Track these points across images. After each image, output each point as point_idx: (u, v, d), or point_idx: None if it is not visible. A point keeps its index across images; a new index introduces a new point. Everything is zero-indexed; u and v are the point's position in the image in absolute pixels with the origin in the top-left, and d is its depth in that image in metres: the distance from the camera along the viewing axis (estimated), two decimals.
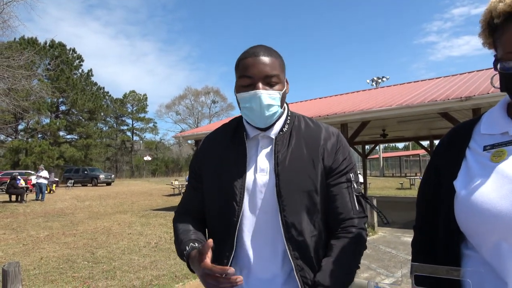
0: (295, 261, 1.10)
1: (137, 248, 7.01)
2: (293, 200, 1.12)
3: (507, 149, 0.86)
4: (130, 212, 12.94)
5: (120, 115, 54.03)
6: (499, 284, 0.81)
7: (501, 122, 0.92)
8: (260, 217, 1.15)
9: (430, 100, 8.19)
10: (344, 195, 1.16)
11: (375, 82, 39.90)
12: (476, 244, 0.88)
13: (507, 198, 0.78)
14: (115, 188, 25.68)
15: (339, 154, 1.19)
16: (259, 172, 1.17)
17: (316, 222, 1.15)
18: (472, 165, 0.90)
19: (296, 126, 1.23)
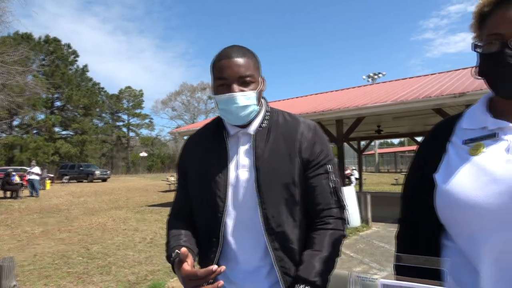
0: (275, 252, 1.14)
1: (132, 244, 7.03)
2: (272, 193, 1.15)
3: (484, 143, 0.88)
4: (126, 208, 12.95)
5: (116, 111, 53.78)
6: (473, 273, 0.84)
7: (481, 117, 0.95)
8: (242, 211, 1.19)
9: (424, 96, 8.24)
10: (322, 186, 1.20)
11: (371, 78, 39.94)
12: (453, 234, 0.91)
13: (482, 190, 0.81)
14: (111, 184, 25.64)
15: (317, 146, 1.22)
16: (240, 168, 1.20)
17: (295, 214, 1.18)
18: (452, 158, 0.93)
19: (275, 122, 1.26)
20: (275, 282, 1.16)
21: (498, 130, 0.89)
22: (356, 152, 18.42)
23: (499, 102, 0.94)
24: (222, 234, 1.18)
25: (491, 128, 0.90)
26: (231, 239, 1.19)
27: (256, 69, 1.20)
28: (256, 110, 1.21)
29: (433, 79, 11.52)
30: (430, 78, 11.85)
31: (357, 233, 7.57)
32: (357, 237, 7.28)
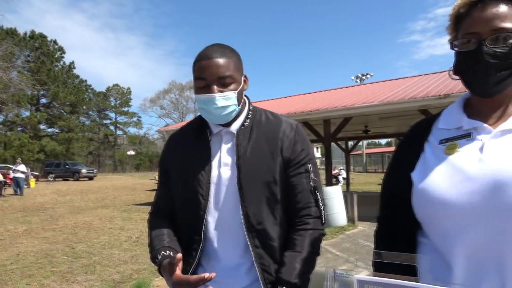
0: (255, 250, 1.16)
1: (118, 243, 6.97)
2: (253, 191, 1.16)
3: (459, 142, 0.91)
4: (112, 207, 12.81)
5: (103, 109, 53.17)
6: (446, 268, 0.86)
7: (456, 117, 0.97)
8: (224, 209, 1.20)
9: (410, 97, 8.35)
10: (302, 185, 1.21)
11: (359, 78, 40.36)
12: (428, 231, 0.93)
13: (456, 188, 0.83)
14: (97, 183, 25.35)
15: (298, 145, 1.23)
16: (223, 166, 1.21)
17: (276, 212, 1.19)
18: (428, 157, 0.95)
19: (257, 120, 1.27)
20: (255, 279, 1.18)
21: (472, 130, 0.91)
22: (344, 152, 18.57)
23: (474, 102, 0.96)
24: (204, 232, 1.19)
25: (466, 128, 0.92)
26: (212, 236, 1.20)
27: (236, 69, 1.20)
28: (236, 110, 1.21)
29: (419, 80, 11.68)
30: (417, 80, 12.02)
31: (344, 232, 7.64)
32: (343, 236, 7.35)
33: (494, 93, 0.88)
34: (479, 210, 0.80)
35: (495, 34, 0.84)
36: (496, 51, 0.83)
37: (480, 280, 0.80)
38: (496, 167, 0.80)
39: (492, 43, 0.84)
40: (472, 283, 0.81)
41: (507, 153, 0.81)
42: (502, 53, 0.83)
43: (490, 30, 0.84)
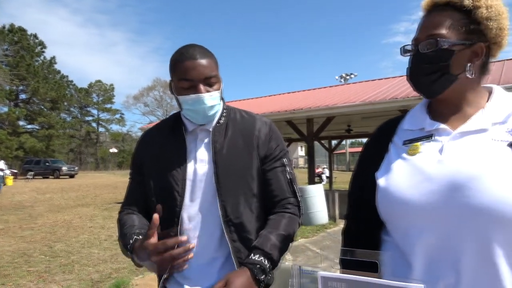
0: (233, 244, 1.17)
1: (97, 242, 6.88)
2: (231, 186, 1.19)
3: (421, 143, 0.94)
4: (93, 205, 12.62)
5: (85, 105, 52.23)
6: (406, 265, 0.90)
7: (420, 119, 1.00)
8: (200, 205, 1.21)
9: (391, 97, 8.49)
10: (279, 178, 1.26)
11: (343, 78, 40.75)
12: (391, 229, 0.96)
13: (416, 188, 0.86)
14: (78, 181, 24.91)
15: (272, 141, 1.28)
16: (198, 162, 1.23)
17: (253, 206, 1.23)
18: (392, 158, 0.98)
19: (232, 118, 1.30)
20: None
21: (434, 131, 0.94)
22: (327, 151, 18.74)
23: (434, 104, 1.00)
24: (179, 227, 1.19)
25: (428, 129, 0.96)
26: (187, 232, 1.21)
27: (217, 69, 1.24)
28: (219, 109, 1.25)
29: (401, 81, 11.88)
30: (398, 80, 12.22)
31: (325, 230, 7.74)
32: (324, 234, 7.44)
33: (432, 94, 0.94)
34: (438, 210, 0.83)
35: (427, 40, 0.91)
36: (427, 54, 0.90)
37: (437, 277, 0.83)
38: (454, 168, 0.83)
39: (423, 48, 0.91)
40: (430, 279, 0.84)
41: (465, 154, 0.84)
42: (432, 56, 0.90)
43: (425, 36, 0.91)
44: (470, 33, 0.90)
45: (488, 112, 0.90)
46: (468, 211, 0.79)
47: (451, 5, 0.92)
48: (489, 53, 0.93)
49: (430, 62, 0.91)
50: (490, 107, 0.91)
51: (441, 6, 0.93)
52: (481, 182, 0.78)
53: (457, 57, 0.90)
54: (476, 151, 0.84)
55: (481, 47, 0.91)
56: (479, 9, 0.89)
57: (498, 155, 0.81)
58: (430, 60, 0.91)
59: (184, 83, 1.18)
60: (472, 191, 0.78)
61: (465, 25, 0.90)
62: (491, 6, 0.89)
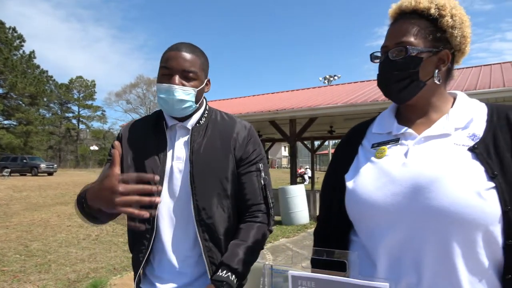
0: (204, 243, 1.19)
1: (76, 241, 6.76)
2: (205, 186, 1.20)
3: (388, 147, 0.97)
4: (72, 204, 12.34)
5: (65, 102, 51.12)
6: (371, 265, 0.93)
7: (388, 123, 1.04)
8: (175, 202, 1.22)
9: (372, 100, 8.63)
10: (253, 183, 1.27)
11: (327, 80, 41.09)
12: (358, 230, 0.99)
13: (381, 190, 0.90)
14: (57, 179, 24.34)
15: (250, 145, 1.30)
16: (175, 159, 1.24)
17: (226, 207, 1.24)
18: (361, 160, 1.01)
19: (213, 120, 1.32)
20: (203, 272, 1.21)
21: (400, 135, 0.98)
22: (310, 151, 18.90)
23: (402, 109, 1.03)
24: (156, 221, 1.20)
25: (395, 133, 0.99)
26: (163, 228, 1.21)
27: (201, 69, 1.25)
28: (193, 107, 1.25)
29: None
30: None
31: (305, 230, 7.81)
32: (305, 233, 7.51)
33: (401, 100, 0.97)
34: (401, 211, 0.86)
35: (396, 47, 0.93)
36: (396, 61, 0.93)
37: (400, 276, 0.87)
38: (417, 171, 0.86)
39: (393, 55, 0.94)
40: (393, 278, 0.88)
41: (427, 158, 0.88)
42: (401, 63, 0.92)
43: (394, 43, 0.94)
44: (437, 41, 0.94)
45: (451, 117, 0.94)
46: (429, 213, 0.82)
47: (418, 13, 0.95)
48: (453, 59, 0.98)
49: (400, 69, 0.93)
50: (453, 113, 0.95)
51: (408, 14, 0.96)
52: (442, 184, 0.81)
53: (425, 64, 0.93)
54: (439, 155, 0.87)
55: (447, 54, 0.95)
56: (445, 17, 0.92)
57: (459, 159, 0.84)
58: (399, 67, 0.93)
59: (162, 71, 1.21)
60: (433, 193, 0.82)
61: (431, 33, 0.93)
62: (455, 15, 0.93)
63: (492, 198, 0.78)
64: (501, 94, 6.72)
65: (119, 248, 6.20)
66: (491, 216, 0.78)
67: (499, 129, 0.88)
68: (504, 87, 6.99)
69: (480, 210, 0.78)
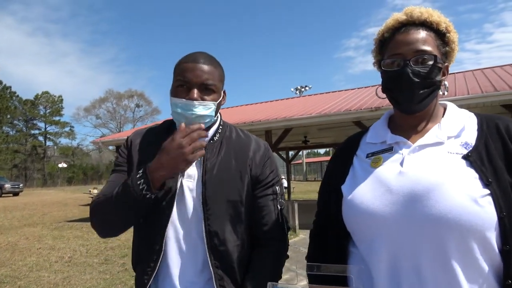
0: (215, 270, 1.11)
1: (47, 264, 6.43)
2: (218, 209, 1.13)
3: (383, 156, 0.99)
4: (41, 225, 11.80)
5: (31, 118, 49.21)
6: (370, 276, 0.93)
7: (382, 132, 1.06)
8: (184, 224, 1.14)
9: (345, 109, 8.82)
10: (269, 207, 1.20)
11: (298, 90, 41.82)
12: (356, 241, 1.00)
13: (379, 199, 0.91)
14: (24, 199, 23.24)
15: (267, 166, 1.23)
16: (186, 177, 1.16)
17: (239, 232, 1.17)
18: (357, 170, 1.02)
19: (227, 136, 1.24)
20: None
21: (394, 144, 1.00)
22: (285, 161, 19.01)
23: (397, 119, 1.06)
24: (165, 242, 1.12)
25: (389, 142, 1.01)
26: (171, 250, 1.13)
27: (220, 80, 1.18)
28: (211, 121, 1.18)
29: (353, 93, 12.40)
30: (351, 93, 12.74)
31: None
32: None
33: (418, 110, 0.97)
34: (400, 220, 0.87)
35: (417, 56, 0.93)
36: (419, 70, 0.93)
37: (399, 285, 0.87)
38: (414, 180, 0.88)
39: (415, 63, 0.93)
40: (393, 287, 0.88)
41: (423, 166, 0.90)
42: (424, 72, 0.93)
43: (413, 51, 0.94)
44: (443, 54, 0.98)
45: (443, 126, 0.97)
46: (427, 220, 0.83)
47: (427, 26, 0.97)
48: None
49: (425, 77, 0.93)
50: (445, 122, 0.98)
51: (417, 25, 0.97)
52: (439, 192, 0.83)
53: (441, 74, 0.96)
54: (434, 163, 0.89)
55: (447, 67, 1.00)
56: (451, 33, 0.97)
57: (454, 167, 0.87)
58: (426, 76, 0.93)
59: (178, 83, 1.13)
60: (431, 201, 0.83)
61: (442, 46, 0.97)
62: (455, 32, 0.98)
63: (488, 204, 0.81)
64: (465, 102, 7.04)
65: (95, 269, 5.96)
66: (488, 222, 0.80)
67: (490, 137, 0.91)
68: (468, 95, 7.33)
69: (478, 217, 0.80)
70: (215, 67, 1.16)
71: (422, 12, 0.97)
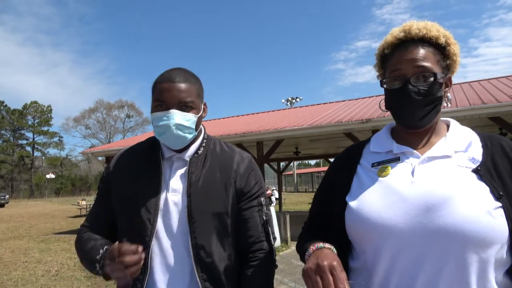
0: (203, 283, 1.12)
1: (33, 278, 6.27)
2: (204, 222, 1.14)
3: (390, 165, 0.98)
4: (27, 237, 11.54)
5: (19, 128, 48.50)
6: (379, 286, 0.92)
7: (386, 142, 1.05)
8: (170, 237, 1.15)
9: (336, 121, 8.89)
10: (255, 219, 1.22)
11: (289, 102, 42.14)
12: (360, 250, 0.97)
13: (391, 208, 0.90)
14: (10, 210, 22.74)
15: (251, 178, 1.24)
16: (170, 192, 1.17)
17: (226, 245, 1.18)
18: (363, 179, 1.01)
19: (212, 149, 1.26)
20: None
21: (401, 154, 0.99)
22: (276, 172, 19.01)
23: (400, 131, 1.05)
24: (149, 260, 1.13)
25: (395, 152, 1.00)
26: (157, 266, 1.14)
27: (197, 96, 1.20)
28: (193, 135, 1.20)
29: (344, 105, 12.52)
30: (342, 105, 12.87)
31: (277, 254, 7.71)
32: (277, 257, 7.34)
33: (422, 126, 0.97)
34: (413, 230, 0.86)
35: (418, 73, 0.94)
36: (420, 88, 0.93)
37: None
38: (427, 190, 0.88)
39: (415, 81, 0.94)
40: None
41: (435, 177, 0.90)
42: (424, 90, 0.93)
43: (413, 70, 0.94)
44: (444, 67, 0.98)
45: (449, 140, 0.97)
46: (442, 231, 0.83)
47: (426, 41, 0.97)
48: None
49: (427, 94, 0.93)
50: (451, 136, 0.98)
51: (416, 41, 0.97)
52: (453, 203, 0.83)
53: (442, 89, 0.97)
54: (445, 175, 0.89)
55: (450, 79, 1.00)
56: (451, 46, 0.97)
57: (466, 179, 0.87)
58: (427, 93, 0.93)
59: (156, 103, 1.15)
60: (445, 211, 0.83)
61: (442, 60, 0.98)
62: (456, 43, 0.98)
63: (501, 217, 0.82)
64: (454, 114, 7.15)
65: (82, 283, 5.82)
66: (501, 234, 0.81)
67: (496, 155, 0.92)
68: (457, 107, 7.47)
69: (491, 228, 0.80)
70: (191, 83, 1.18)
71: (420, 29, 0.97)
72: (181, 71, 1.20)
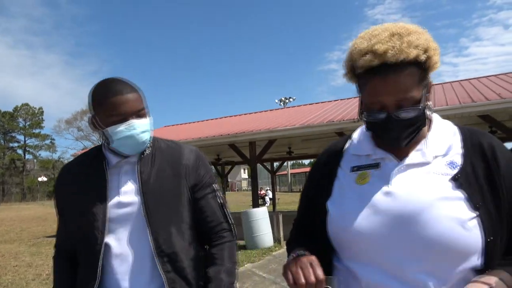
0: (167, 275, 1.17)
1: (24, 282, 6.20)
2: (161, 215, 1.19)
3: (369, 172, 0.96)
4: (18, 241, 11.41)
5: (9, 131, 48.00)
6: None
7: (366, 145, 1.02)
8: (127, 239, 1.19)
9: (328, 120, 8.93)
10: (211, 204, 1.30)
11: (283, 102, 42.21)
12: (342, 255, 0.98)
13: (366, 220, 0.90)
14: (1, 214, 22.46)
15: (201, 169, 1.31)
16: (122, 195, 1.20)
17: (186, 235, 1.23)
18: (343, 184, 1.00)
19: (158, 148, 1.30)
20: None
21: (380, 160, 0.97)
22: (270, 172, 19.03)
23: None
24: (100, 267, 1.16)
25: (374, 157, 0.98)
26: (112, 269, 1.18)
27: (145, 102, 1.25)
28: (151, 137, 1.25)
29: (336, 105, 12.57)
30: (334, 104, 12.92)
31: (270, 253, 7.72)
32: (270, 257, 7.42)
33: (407, 144, 0.92)
34: (388, 241, 0.86)
35: (401, 105, 0.86)
36: (402, 117, 0.87)
37: None
38: (402, 201, 0.87)
39: (398, 112, 0.86)
40: None
41: (411, 187, 0.89)
42: (409, 118, 0.87)
43: (396, 102, 0.86)
44: (426, 79, 0.90)
45: (430, 144, 0.94)
46: (416, 243, 0.83)
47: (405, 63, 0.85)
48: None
49: (411, 124, 0.88)
50: (431, 139, 0.95)
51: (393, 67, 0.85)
52: (428, 215, 0.83)
53: (425, 105, 0.90)
54: (422, 184, 0.88)
55: (431, 82, 0.93)
56: (432, 57, 0.88)
57: (442, 189, 0.86)
58: (411, 123, 0.88)
59: (115, 118, 1.16)
60: (420, 225, 0.83)
61: (423, 76, 0.88)
62: (435, 48, 0.89)
63: (475, 229, 0.82)
64: (444, 113, 7.21)
65: None
66: (473, 246, 0.81)
67: (474, 156, 0.91)
68: (447, 106, 7.53)
69: (464, 242, 0.81)
70: (136, 91, 1.21)
71: (397, 54, 0.83)
72: (123, 82, 1.20)
